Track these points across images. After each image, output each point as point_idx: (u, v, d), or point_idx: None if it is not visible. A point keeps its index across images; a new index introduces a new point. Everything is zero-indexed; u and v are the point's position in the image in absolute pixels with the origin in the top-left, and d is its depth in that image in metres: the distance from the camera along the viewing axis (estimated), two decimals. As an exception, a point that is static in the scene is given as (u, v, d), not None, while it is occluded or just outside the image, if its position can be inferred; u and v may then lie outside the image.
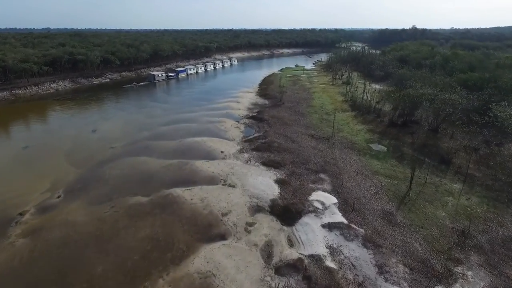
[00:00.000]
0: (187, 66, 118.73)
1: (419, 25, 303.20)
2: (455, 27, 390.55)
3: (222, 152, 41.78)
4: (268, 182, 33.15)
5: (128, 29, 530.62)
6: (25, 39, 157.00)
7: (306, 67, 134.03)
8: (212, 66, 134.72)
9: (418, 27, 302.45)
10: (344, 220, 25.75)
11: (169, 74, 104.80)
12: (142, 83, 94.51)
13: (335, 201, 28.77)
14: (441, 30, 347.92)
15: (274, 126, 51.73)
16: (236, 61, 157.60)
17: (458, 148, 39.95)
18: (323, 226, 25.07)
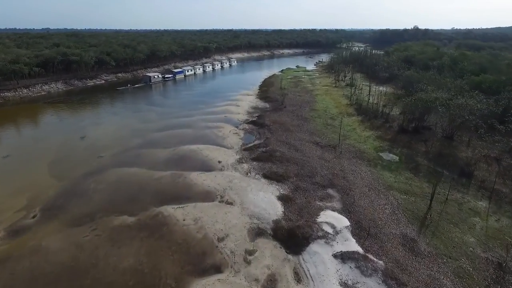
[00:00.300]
0: (185, 67, 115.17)
1: (419, 25, 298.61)
2: (456, 27, 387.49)
3: (219, 162, 38.29)
4: (270, 198, 29.64)
5: (128, 29, 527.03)
6: (20, 39, 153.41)
7: (307, 68, 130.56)
8: (210, 67, 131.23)
9: (419, 27, 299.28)
10: (359, 248, 22.23)
11: (165, 76, 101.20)
12: (137, 85, 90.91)
13: (347, 223, 25.25)
14: (442, 30, 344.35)
15: (275, 133, 48.22)
16: (235, 62, 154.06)
17: (478, 158, 36.44)
18: (335, 256, 21.55)
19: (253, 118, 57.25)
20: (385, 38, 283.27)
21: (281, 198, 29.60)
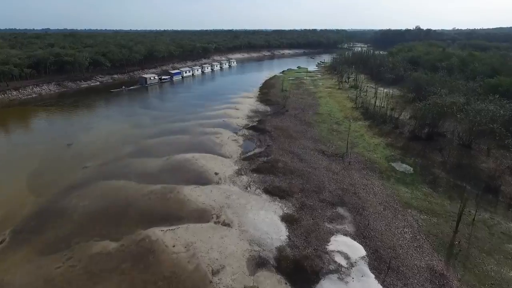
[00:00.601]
0: (183, 68, 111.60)
1: (420, 25, 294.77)
2: (457, 28, 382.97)
3: (216, 174, 34.78)
4: (272, 219, 26.12)
5: (128, 30, 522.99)
6: (15, 40, 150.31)
7: (309, 69, 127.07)
8: (209, 68, 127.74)
9: (421, 28, 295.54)
10: (379, 287, 18.70)
11: (162, 77, 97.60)
12: (132, 87, 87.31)
13: (363, 253, 21.72)
14: (443, 30, 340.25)
15: (277, 140, 44.72)
16: (235, 62, 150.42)
17: (503, 170, 32.92)
18: (352, 298, 18.06)
19: (253, 123, 53.76)
20: (386, 39, 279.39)
21: (285, 218, 26.09)
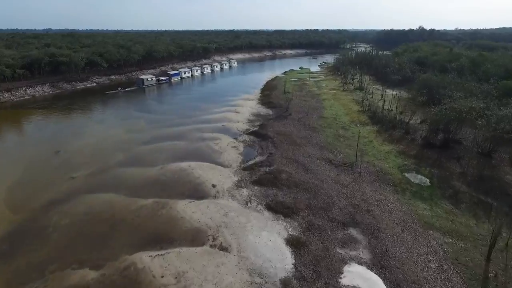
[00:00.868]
0: (182, 69, 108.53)
1: (422, 25, 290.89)
2: (460, 28, 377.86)
3: (213, 186, 31.69)
4: (276, 242, 23.00)
5: (129, 30, 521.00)
6: (12, 40, 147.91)
7: (311, 70, 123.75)
8: (209, 68, 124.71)
9: (424, 28, 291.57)
10: (407, 337, 15.56)
11: (160, 78, 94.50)
12: (129, 89, 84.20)
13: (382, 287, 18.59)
14: (445, 31, 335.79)
15: (280, 147, 41.58)
16: (235, 63, 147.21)
17: (531, 184, 29.72)
18: None
19: (254, 128, 50.67)
20: (389, 39, 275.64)
21: (290, 242, 22.95)
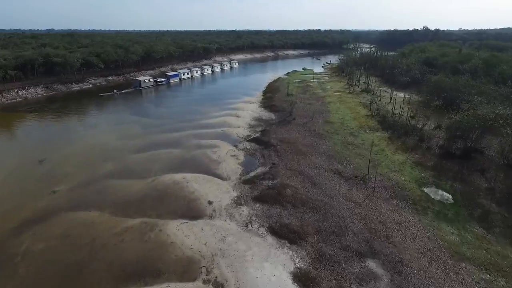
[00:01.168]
0: (181, 70, 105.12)
1: (423, 26, 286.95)
2: (463, 28, 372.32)
3: (210, 203, 28.21)
4: (281, 278, 19.46)
5: (131, 30, 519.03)
6: (9, 40, 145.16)
7: (315, 71, 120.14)
8: (209, 69, 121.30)
9: (429, 28, 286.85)
10: None
11: (158, 80, 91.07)
12: (125, 91, 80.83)
13: None
14: (451, 31, 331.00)
15: (284, 156, 38.03)
16: (237, 63, 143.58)
17: None
18: None
19: (256, 134, 47.18)
20: (393, 39, 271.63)
21: (298, 277, 19.41)
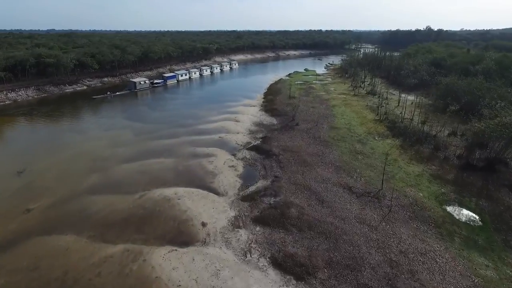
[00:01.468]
0: (178, 71, 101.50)
1: (424, 26, 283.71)
2: (465, 28, 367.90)
3: (203, 224, 24.67)
4: (286, 329, 15.89)
5: (131, 30, 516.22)
6: (4, 40, 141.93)
7: (317, 72, 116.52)
8: (209, 70, 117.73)
9: (431, 28, 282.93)
10: None
11: (154, 81, 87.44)
12: (119, 93, 77.31)
13: None
14: (454, 31, 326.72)
15: (288, 167, 34.45)
16: (237, 64, 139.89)
17: None
18: None
19: (256, 141, 43.63)
20: (395, 39, 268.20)
21: (306, 328, 15.85)
